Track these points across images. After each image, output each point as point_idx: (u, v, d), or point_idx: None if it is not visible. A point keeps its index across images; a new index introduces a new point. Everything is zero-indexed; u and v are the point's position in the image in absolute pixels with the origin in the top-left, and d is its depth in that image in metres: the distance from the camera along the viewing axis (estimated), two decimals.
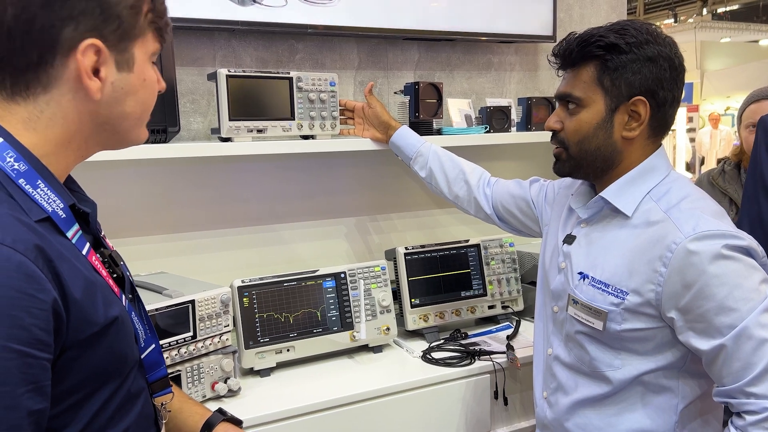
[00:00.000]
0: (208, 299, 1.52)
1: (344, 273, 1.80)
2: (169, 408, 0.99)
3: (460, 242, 2.02)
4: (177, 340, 1.45)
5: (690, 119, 11.22)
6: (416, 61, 2.27)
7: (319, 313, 1.75)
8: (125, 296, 0.88)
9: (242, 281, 1.67)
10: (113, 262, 0.89)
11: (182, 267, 1.84)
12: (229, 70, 1.68)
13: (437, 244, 1.98)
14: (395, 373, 1.68)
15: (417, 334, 1.92)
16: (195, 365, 1.49)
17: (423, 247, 1.96)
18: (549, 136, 1.36)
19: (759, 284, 1.11)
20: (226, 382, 1.53)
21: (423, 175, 1.82)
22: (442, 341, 1.87)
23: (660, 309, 1.18)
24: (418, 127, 1.96)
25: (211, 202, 1.97)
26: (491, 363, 1.72)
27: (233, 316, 1.61)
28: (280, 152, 1.78)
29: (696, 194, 1.24)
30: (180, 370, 1.46)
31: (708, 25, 12.78)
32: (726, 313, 1.09)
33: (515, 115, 2.26)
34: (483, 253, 2.02)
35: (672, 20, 13.62)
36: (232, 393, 1.55)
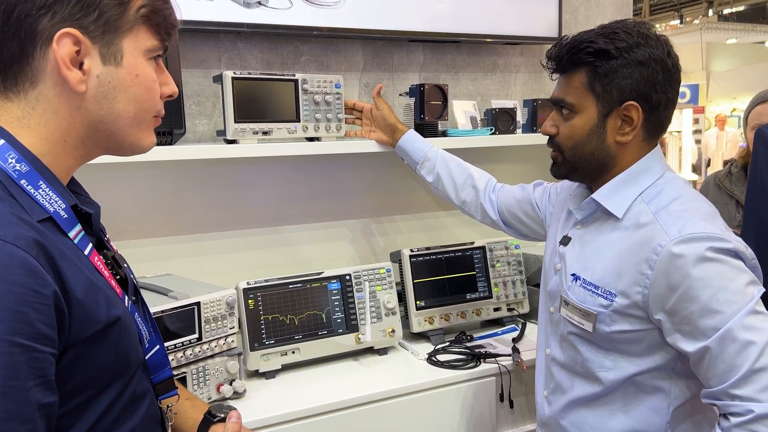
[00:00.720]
0: (214, 301, 1.52)
1: (349, 275, 1.80)
2: (175, 410, 0.99)
3: (465, 244, 2.01)
4: (183, 342, 1.45)
5: (696, 121, 11.18)
6: (421, 63, 2.27)
7: (324, 316, 1.75)
8: (128, 298, 0.88)
9: (247, 283, 1.67)
10: (116, 264, 0.90)
11: (188, 269, 1.85)
12: (235, 73, 1.68)
13: (442, 247, 1.98)
14: (400, 375, 1.68)
15: (422, 336, 1.92)
16: (200, 367, 1.50)
17: (428, 249, 1.96)
18: None
19: (745, 286, 1.09)
20: (231, 384, 1.53)
21: (430, 180, 1.82)
22: (448, 344, 1.87)
23: (647, 311, 1.17)
24: (423, 129, 1.96)
25: (216, 204, 1.97)
26: (497, 365, 1.72)
27: (238, 318, 1.61)
28: (286, 154, 1.78)
29: (688, 195, 1.23)
30: (185, 372, 1.47)
31: (714, 26, 12.74)
32: (710, 315, 1.09)
33: (521, 117, 2.25)
34: (488, 256, 2.02)
35: (678, 21, 13.60)
36: (238, 395, 1.55)
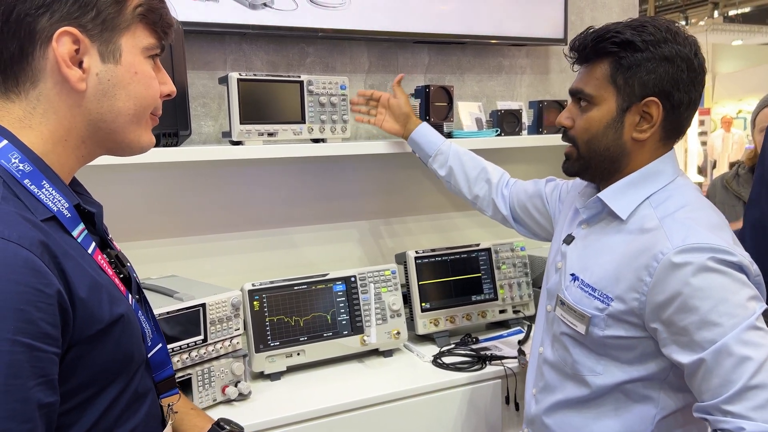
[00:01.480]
0: (219, 303, 1.52)
1: (354, 277, 1.80)
2: (175, 409, 0.99)
3: (470, 246, 2.01)
4: (188, 344, 1.45)
5: (702, 122, 11.15)
6: (426, 65, 2.27)
7: (329, 317, 1.74)
8: (132, 296, 0.89)
9: (253, 285, 1.67)
10: (120, 263, 0.90)
11: (193, 270, 1.85)
12: (240, 74, 1.68)
13: (447, 248, 1.98)
14: (406, 377, 1.68)
15: (427, 338, 1.92)
16: (206, 369, 1.49)
17: (433, 251, 1.95)
18: (560, 139, 1.35)
19: (746, 300, 1.06)
20: (236, 386, 1.53)
21: (442, 173, 1.80)
22: (453, 346, 1.86)
23: (643, 319, 1.15)
24: None
25: (221, 205, 1.97)
26: (502, 368, 1.72)
27: (244, 320, 1.61)
28: (291, 156, 1.78)
29: (696, 204, 1.20)
30: (191, 374, 1.47)
31: (719, 28, 12.68)
32: (708, 327, 1.05)
33: (526, 119, 2.24)
34: (494, 257, 2.01)
35: (683, 23, 13.57)
36: (243, 397, 1.55)
